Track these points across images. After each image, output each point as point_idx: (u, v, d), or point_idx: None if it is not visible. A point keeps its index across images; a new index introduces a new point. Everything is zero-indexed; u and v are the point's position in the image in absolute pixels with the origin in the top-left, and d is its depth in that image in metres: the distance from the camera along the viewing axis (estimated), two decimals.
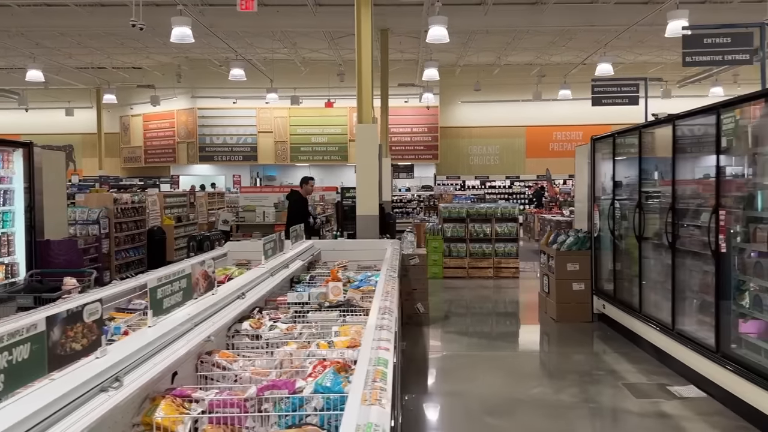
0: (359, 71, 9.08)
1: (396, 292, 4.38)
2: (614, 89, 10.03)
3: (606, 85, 10.20)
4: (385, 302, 3.93)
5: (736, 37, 6.01)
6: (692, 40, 6.22)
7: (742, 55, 5.98)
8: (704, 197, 5.41)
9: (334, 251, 7.74)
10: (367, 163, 8.98)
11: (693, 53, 6.19)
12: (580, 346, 7.03)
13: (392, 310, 3.69)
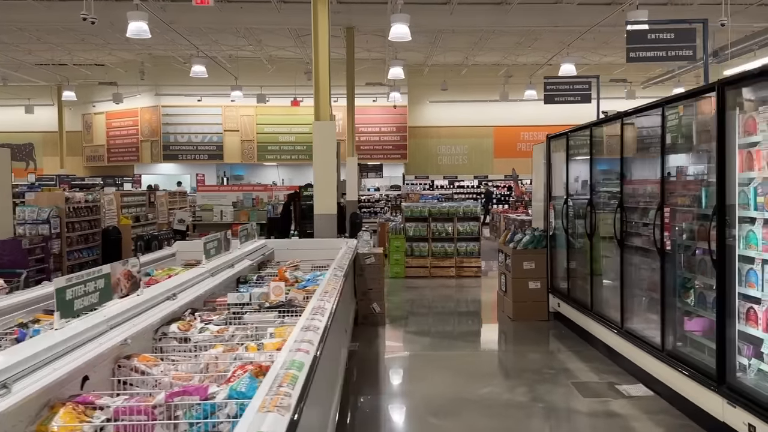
0: (316, 68, 8.95)
1: (336, 292, 4.26)
2: (566, 87, 10.06)
3: (558, 83, 10.22)
4: (321, 302, 3.81)
5: (680, 33, 6.02)
6: (636, 36, 6.22)
7: (686, 51, 5.99)
8: (650, 195, 5.40)
9: (288, 251, 7.60)
10: (325, 161, 8.85)
11: (637, 49, 6.19)
12: (535, 344, 6.99)
13: (325, 310, 3.56)
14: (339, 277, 4.91)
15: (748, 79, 3.83)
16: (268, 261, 7.17)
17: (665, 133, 4.80)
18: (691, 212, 4.80)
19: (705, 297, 4.62)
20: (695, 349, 4.72)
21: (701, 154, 4.61)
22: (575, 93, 9.89)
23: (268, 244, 7.58)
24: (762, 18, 16.54)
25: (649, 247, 5.44)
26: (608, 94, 21.57)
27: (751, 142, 4.01)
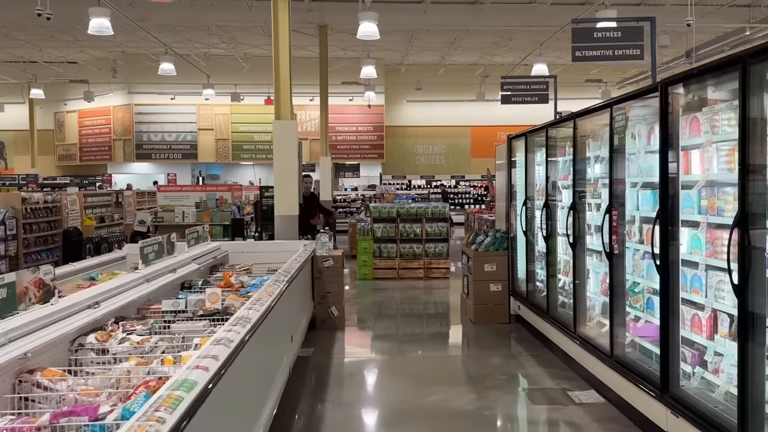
0: (276, 66, 8.76)
1: (271, 300, 4.09)
2: (524, 87, 9.95)
3: (515, 83, 10.11)
4: (247, 311, 3.63)
5: (627, 32, 5.91)
6: (582, 34, 6.10)
7: (633, 50, 5.88)
8: (600, 197, 5.29)
9: (243, 253, 7.42)
10: (285, 160, 8.66)
11: (583, 48, 6.08)
12: (493, 348, 6.86)
13: (248, 321, 3.39)
14: (281, 283, 4.74)
15: (690, 78, 3.72)
16: (221, 264, 6.98)
17: (613, 134, 4.68)
18: (639, 215, 4.69)
19: (653, 302, 4.51)
20: (644, 356, 4.61)
21: (647, 155, 4.50)
22: (532, 93, 9.77)
23: (222, 246, 7.39)
24: (733, 19, 16.60)
25: (598, 251, 5.33)
26: (584, 95, 21.62)
27: (695, 144, 3.91)
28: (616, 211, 4.69)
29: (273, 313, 4.15)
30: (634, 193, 4.75)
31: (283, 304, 4.85)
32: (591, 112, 5.12)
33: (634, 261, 4.75)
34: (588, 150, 5.57)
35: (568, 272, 6.30)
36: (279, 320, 4.60)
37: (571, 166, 5.73)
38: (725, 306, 3.58)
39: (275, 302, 4.17)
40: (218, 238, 10.69)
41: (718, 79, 3.54)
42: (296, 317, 5.95)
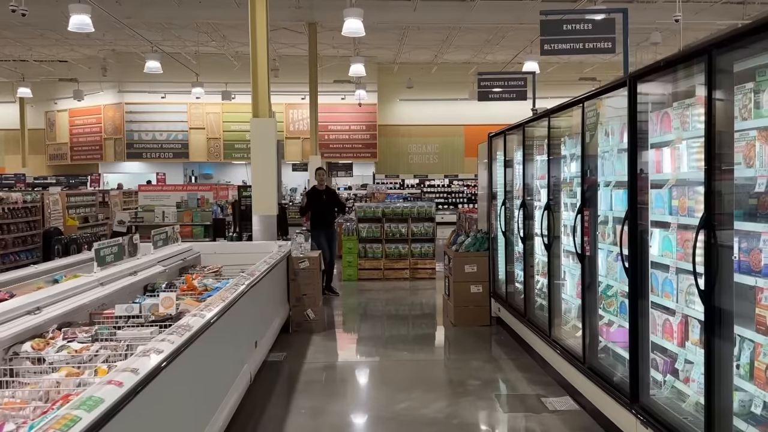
0: (254, 62, 8.56)
1: (223, 304, 3.91)
2: (501, 84, 9.73)
3: (492, 79, 9.88)
4: (191, 318, 3.45)
5: (598, 24, 5.72)
6: (551, 26, 5.91)
7: (604, 44, 5.70)
8: (575, 196, 5.11)
9: (216, 255, 7.25)
10: (263, 159, 8.48)
11: (552, 41, 5.89)
12: (471, 352, 6.68)
13: (188, 328, 3.20)
14: (239, 286, 4.56)
15: (657, 71, 3.53)
16: (191, 266, 6.80)
17: (585, 131, 4.50)
18: (612, 215, 4.51)
19: (627, 306, 4.33)
20: (617, 362, 4.43)
21: (619, 154, 4.32)
22: (510, 90, 9.56)
23: (194, 247, 7.21)
24: (726, 15, 16.43)
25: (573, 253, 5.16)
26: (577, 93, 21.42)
27: (665, 141, 3.72)
28: (588, 212, 4.51)
29: (227, 319, 3.97)
30: (608, 193, 4.56)
31: (243, 308, 4.67)
32: (564, 109, 4.93)
33: (607, 263, 4.57)
34: (564, 148, 5.39)
35: (545, 273, 6.12)
36: (236, 325, 4.42)
37: (546, 165, 5.55)
38: (696, 312, 3.40)
39: (229, 307, 3.99)
40: (199, 238, 10.51)
41: (688, 71, 3.36)
42: (263, 321, 5.77)
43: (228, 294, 4.19)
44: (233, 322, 4.25)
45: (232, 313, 4.14)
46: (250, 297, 4.82)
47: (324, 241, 9.38)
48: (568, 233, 5.42)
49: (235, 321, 4.34)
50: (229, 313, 4.00)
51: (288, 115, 25.22)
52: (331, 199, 9.79)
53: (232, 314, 4.11)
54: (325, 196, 9.68)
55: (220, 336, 3.84)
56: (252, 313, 5.08)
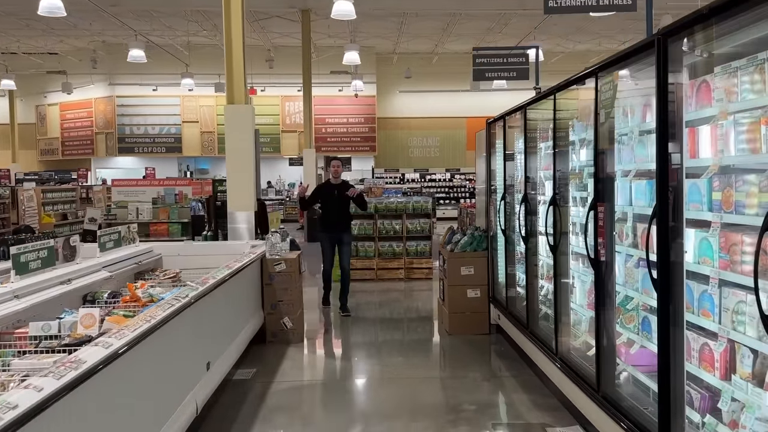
0: (228, 42, 7.74)
1: (144, 328, 3.13)
2: (500, 61, 8.83)
3: (490, 56, 8.94)
4: (92, 349, 2.68)
5: None
6: None
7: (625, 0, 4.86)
8: (586, 189, 4.32)
9: (179, 257, 6.47)
10: (239, 151, 7.70)
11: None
12: (467, 367, 5.89)
13: (82, 363, 2.43)
14: (180, 300, 3.77)
15: (697, 24, 2.72)
16: (150, 270, 6.03)
17: (599, 109, 3.70)
18: (630, 212, 3.71)
19: (650, 323, 3.54)
20: (639, 390, 3.64)
21: (641, 137, 3.52)
22: (510, 68, 8.67)
23: (155, 248, 6.43)
24: None
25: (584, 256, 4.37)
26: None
27: (705, 117, 2.92)
28: (603, 207, 3.70)
29: (153, 344, 3.19)
30: (626, 185, 3.76)
31: (185, 327, 3.89)
32: (573, 83, 4.12)
33: (626, 269, 3.77)
34: (572, 133, 4.59)
35: (551, 278, 5.33)
36: (170, 351, 3.63)
37: (552, 153, 4.75)
38: (747, 338, 2.61)
39: (156, 328, 3.21)
40: (176, 237, 9.76)
41: (738, 21, 2.55)
42: (222, 337, 4.98)
43: (158, 312, 3.41)
44: (165, 347, 3.47)
45: (164, 334, 3.36)
46: (197, 311, 4.04)
47: (329, 248, 7.97)
48: (576, 232, 4.63)
49: (169, 344, 3.55)
50: (157, 336, 3.22)
51: (284, 108, 24.44)
52: (345, 196, 7.91)
53: (162, 337, 3.34)
54: (338, 192, 7.91)
55: (137, 368, 3.06)
56: (202, 330, 4.31)
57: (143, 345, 3.01)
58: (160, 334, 3.28)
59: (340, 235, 7.96)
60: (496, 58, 8.96)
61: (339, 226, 7.94)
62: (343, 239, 7.98)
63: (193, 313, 3.94)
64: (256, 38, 20.78)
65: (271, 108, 24.29)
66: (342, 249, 8.01)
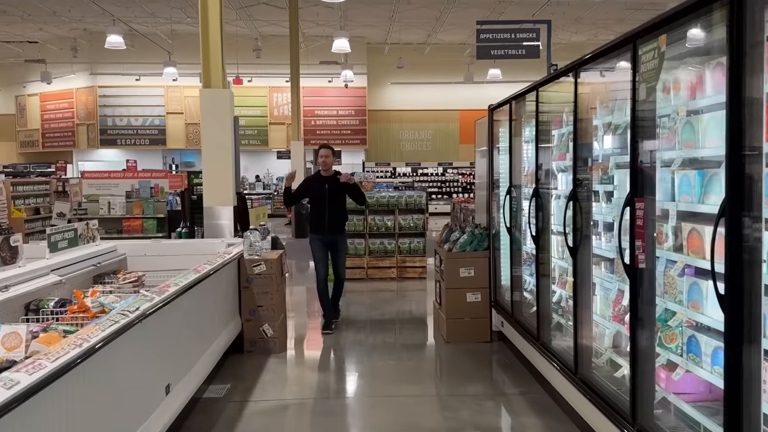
0: (204, 16, 7.02)
1: (95, 341, 2.48)
2: (507, 37, 8.08)
3: (496, 30, 8.17)
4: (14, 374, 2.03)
5: None
6: None
7: None
8: (612, 181, 3.69)
9: (146, 258, 5.79)
10: (216, 140, 7.02)
11: None
12: (468, 382, 5.25)
13: None
14: (128, 315, 3.10)
15: None
16: (112, 272, 5.35)
17: (637, 85, 3.06)
18: (672, 209, 3.08)
19: (699, 344, 2.91)
20: (685, 425, 3.02)
21: (690, 117, 2.88)
22: (518, 44, 7.92)
23: (119, 248, 5.74)
24: None
25: (614, 258, 3.74)
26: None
27: None
28: (642, 203, 3.06)
29: (83, 373, 2.52)
30: (667, 176, 3.13)
31: (139, 345, 3.23)
32: (603, 54, 3.46)
33: (666, 277, 3.14)
34: (595, 116, 3.95)
35: (565, 283, 4.70)
36: (117, 375, 2.97)
37: (570, 141, 4.11)
38: None
39: (86, 354, 2.54)
40: (151, 233, 9.07)
41: None
42: (187, 352, 4.32)
43: (96, 332, 2.74)
44: (102, 376, 2.81)
45: (104, 359, 2.70)
46: (152, 326, 3.38)
47: (321, 254, 6.74)
48: (599, 232, 3.99)
49: (109, 372, 2.89)
50: (91, 364, 2.56)
51: (272, 99, 23.70)
52: (337, 191, 6.71)
53: (99, 363, 2.67)
54: (329, 186, 6.67)
55: (57, 409, 2.39)
56: (160, 348, 3.64)
57: (67, 378, 2.34)
58: (97, 360, 2.62)
59: (334, 237, 6.74)
60: (502, 33, 8.20)
61: (332, 227, 6.72)
62: (337, 243, 6.80)
63: (148, 328, 3.28)
64: (242, 26, 20.04)
65: (259, 99, 23.56)
66: (336, 255, 6.83)
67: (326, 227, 6.69)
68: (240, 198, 7.51)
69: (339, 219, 6.83)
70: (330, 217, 6.68)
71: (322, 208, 6.69)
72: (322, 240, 6.74)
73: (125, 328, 2.92)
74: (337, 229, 6.79)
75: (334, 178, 6.77)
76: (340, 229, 6.87)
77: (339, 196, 6.76)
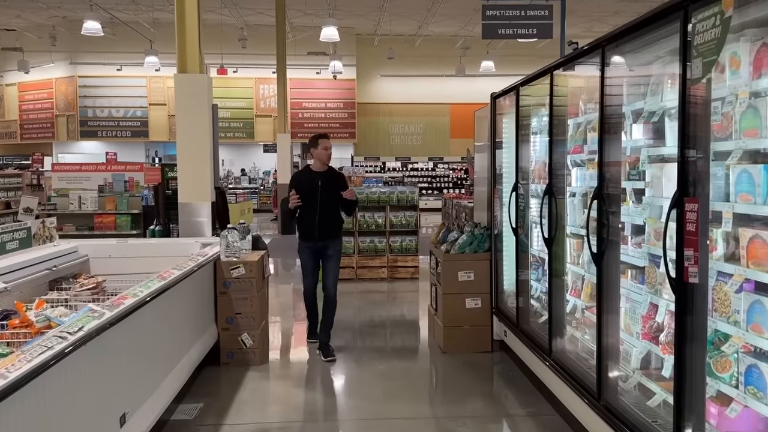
0: None
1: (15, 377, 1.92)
2: (516, 14, 7.46)
3: (504, 6, 7.55)
4: None
5: None
6: None
7: None
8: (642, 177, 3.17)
9: (111, 260, 5.21)
10: (192, 129, 6.44)
11: None
12: (468, 400, 4.72)
13: None
14: (66, 339, 2.54)
15: None
16: (73, 277, 4.77)
17: (689, 59, 2.53)
18: (727, 212, 2.56)
19: (762, 375, 2.40)
20: None
21: (758, 101, 2.37)
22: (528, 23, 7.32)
23: (80, 248, 5.16)
24: None
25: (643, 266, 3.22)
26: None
27: None
28: (695, 206, 2.53)
29: None
30: (720, 172, 2.61)
31: (84, 372, 2.66)
32: (640, 27, 2.91)
33: (716, 293, 2.63)
34: (624, 102, 3.41)
35: (580, 292, 4.18)
36: (52, 412, 2.40)
37: (590, 132, 3.58)
38: None
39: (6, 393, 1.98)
40: (124, 230, 8.47)
41: None
42: (149, 372, 3.75)
43: (18, 363, 2.17)
44: (28, 416, 2.24)
45: (31, 394, 2.14)
46: (102, 347, 2.82)
47: (310, 262, 5.75)
48: (627, 235, 3.47)
49: (38, 410, 2.32)
50: (14, 402, 2.00)
51: (258, 91, 23.04)
52: (331, 189, 5.62)
53: (24, 400, 2.11)
54: (322, 184, 5.58)
55: None
56: (112, 371, 3.07)
57: None
58: (19, 399, 2.06)
59: (325, 243, 5.66)
60: (511, 10, 7.57)
61: (323, 232, 5.61)
62: (328, 250, 5.70)
63: (94, 351, 2.72)
64: (227, 15, 19.38)
65: (245, 91, 22.90)
66: (327, 264, 5.73)
67: (317, 232, 5.60)
68: (219, 193, 6.94)
69: (332, 222, 5.70)
70: (321, 220, 5.59)
71: (313, 209, 5.56)
72: (312, 248, 5.69)
73: (59, 356, 2.35)
74: (329, 234, 5.67)
75: (328, 174, 5.72)
76: (333, 234, 5.73)
77: (333, 195, 5.63)
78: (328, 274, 5.74)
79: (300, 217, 5.71)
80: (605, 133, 3.32)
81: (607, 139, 3.32)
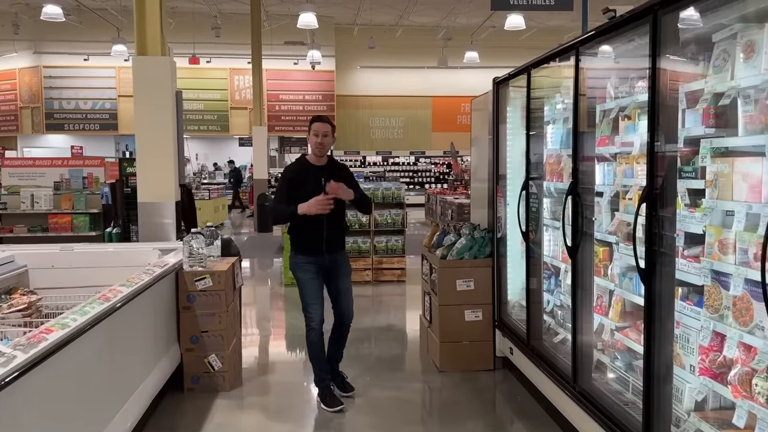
0: None
1: None
2: None
3: None
4: None
5: None
6: None
7: None
8: (701, 176, 2.53)
9: (54, 270, 4.46)
10: (153, 119, 5.72)
11: None
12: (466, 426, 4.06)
13: None
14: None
15: None
16: (7, 292, 4.02)
17: None
18: None
19: None
20: None
21: None
22: None
23: (18, 257, 4.40)
24: None
25: (700, 284, 2.58)
26: None
27: None
28: None
29: None
30: None
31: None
32: None
33: None
34: (682, 88, 2.76)
35: (608, 309, 3.54)
36: None
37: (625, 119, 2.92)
38: None
39: None
40: (82, 231, 7.68)
41: None
42: (91, 412, 3.03)
43: None
44: None
45: None
46: (24, 394, 2.10)
47: (313, 284, 4.32)
48: (681, 246, 2.82)
49: None
50: None
51: (233, 82, 22.17)
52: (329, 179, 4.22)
53: None
54: (325, 180, 4.18)
55: None
56: (38, 420, 2.35)
57: None
58: None
59: (334, 258, 4.38)
60: None
61: (332, 244, 4.34)
62: (339, 267, 4.43)
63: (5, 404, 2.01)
64: (199, 2, 18.48)
65: (219, 82, 22.02)
66: (340, 284, 4.44)
67: (324, 243, 4.28)
68: (185, 191, 6.19)
69: (341, 230, 4.47)
70: (330, 229, 4.28)
71: (318, 216, 4.16)
72: (318, 263, 4.31)
73: None
74: (338, 245, 4.43)
75: (330, 168, 4.40)
76: (342, 245, 4.49)
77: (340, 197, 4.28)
78: (342, 297, 4.46)
79: (298, 225, 4.32)
80: (657, 122, 2.66)
81: (659, 128, 2.66)
